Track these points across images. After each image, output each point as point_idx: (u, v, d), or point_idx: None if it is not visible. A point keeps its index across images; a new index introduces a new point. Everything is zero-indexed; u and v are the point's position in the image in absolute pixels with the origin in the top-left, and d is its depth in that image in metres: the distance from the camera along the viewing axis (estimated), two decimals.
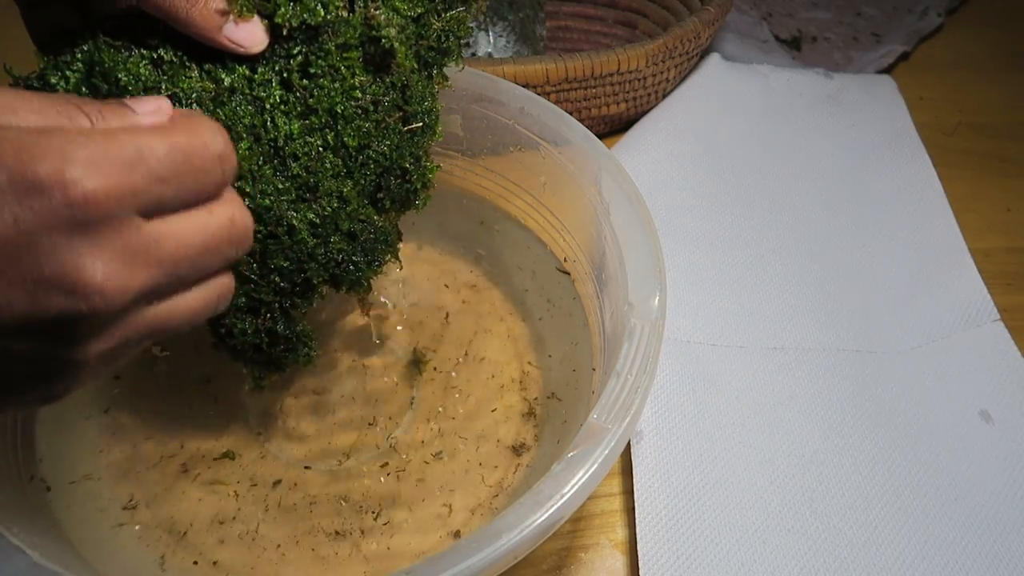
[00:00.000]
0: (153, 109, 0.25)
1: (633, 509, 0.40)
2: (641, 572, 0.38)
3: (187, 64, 0.30)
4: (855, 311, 0.52)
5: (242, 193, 0.30)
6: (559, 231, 0.47)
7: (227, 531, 0.39)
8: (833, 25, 0.83)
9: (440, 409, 0.45)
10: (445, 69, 0.38)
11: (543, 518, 0.28)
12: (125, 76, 0.29)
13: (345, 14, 0.32)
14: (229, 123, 0.31)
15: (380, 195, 0.36)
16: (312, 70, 0.32)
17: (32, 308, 0.20)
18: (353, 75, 0.33)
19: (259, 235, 0.31)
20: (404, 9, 0.34)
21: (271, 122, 0.32)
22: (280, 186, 0.32)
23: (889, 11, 0.84)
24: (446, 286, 0.50)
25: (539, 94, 0.46)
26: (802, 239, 0.57)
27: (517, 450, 0.43)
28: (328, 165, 0.33)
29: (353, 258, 0.35)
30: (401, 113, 0.35)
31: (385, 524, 0.40)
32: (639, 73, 0.60)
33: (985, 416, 0.46)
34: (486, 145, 0.48)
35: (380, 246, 0.36)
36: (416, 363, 0.47)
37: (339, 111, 0.33)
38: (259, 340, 0.35)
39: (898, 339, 0.51)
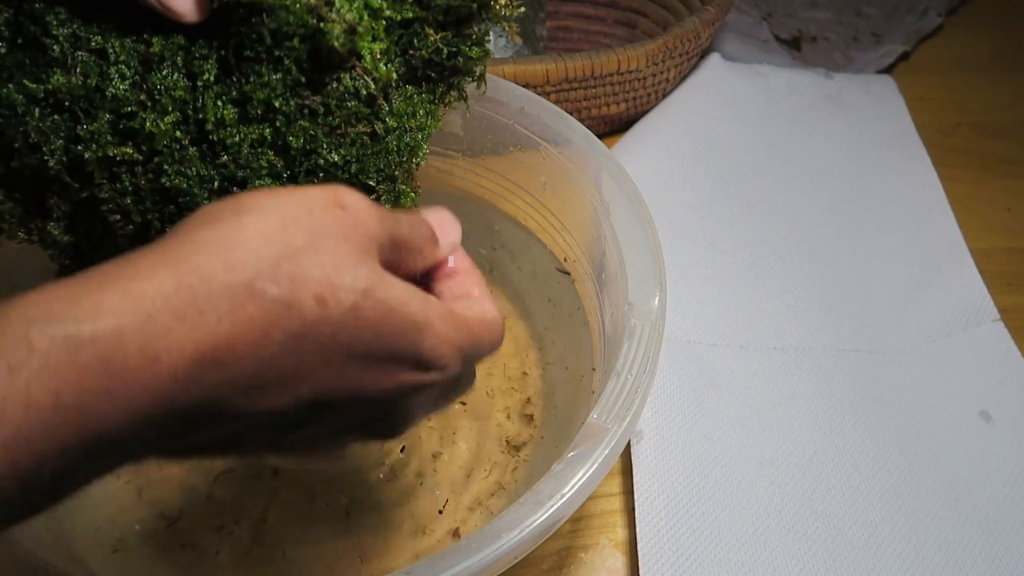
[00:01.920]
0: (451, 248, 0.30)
1: (633, 509, 0.40)
2: (641, 572, 0.38)
3: (122, 23, 0.28)
4: (855, 311, 0.52)
5: (159, 169, 0.29)
6: (559, 231, 0.47)
7: (226, 527, 0.39)
8: (833, 25, 0.83)
9: None
10: (466, 86, 0.34)
11: (543, 518, 0.28)
12: (55, 20, 0.27)
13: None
14: (156, 92, 0.29)
15: None
16: (247, 53, 0.29)
17: (361, 432, 0.27)
18: (298, 68, 0.29)
19: (175, 217, 0.29)
20: (383, 8, 0.30)
21: (201, 102, 0.29)
22: (203, 172, 0.29)
23: (889, 11, 0.84)
24: None
25: (539, 94, 0.46)
26: (802, 239, 0.57)
27: (517, 449, 0.43)
28: (264, 163, 0.30)
29: None
30: (367, 126, 0.32)
31: (385, 524, 0.40)
32: (639, 73, 0.60)
33: (985, 416, 0.46)
34: (486, 145, 0.48)
35: None
36: None
37: (277, 106, 0.29)
38: None
39: (898, 339, 0.51)
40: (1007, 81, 0.75)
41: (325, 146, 0.31)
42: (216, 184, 0.29)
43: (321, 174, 0.31)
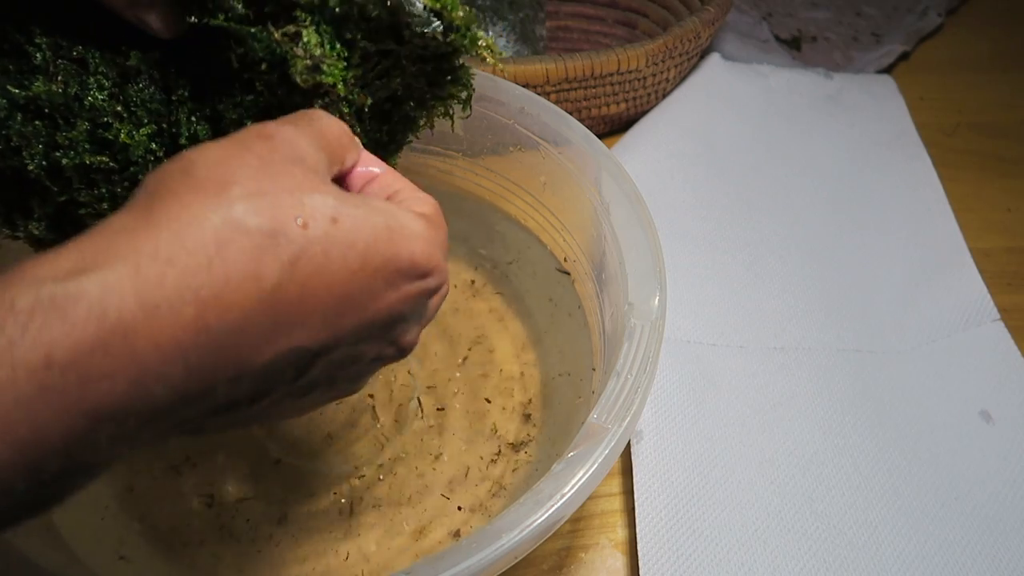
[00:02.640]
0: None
1: (633, 509, 0.40)
2: (641, 572, 0.38)
3: (102, 35, 0.28)
4: (855, 311, 0.52)
5: (134, 179, 0.29)
6: (559, 231, 0.47)
7: (225, 527, 0.39)
8: (833, 25, 0.83)
9: (440, 408, 0.45)
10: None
11: (543, 518, 0.28)
12: (38, 29, 0.28)
13: (248, 26, 0.28)
14: (133, 104, 0.29)
15: None
16: (218, 74, 0.29)
17: (377, 355, 0.26)
18: (272, 92, 0.29)
19: None
20: (358, 39, 0.29)
21: (175, 117, 0.29)
22: None
23: (889, 11, 0.84)
24: None
25: (539, 94, 0.46)
26: (802, 239, 0.57)
27: (517, 449, 0.43)
28: None
29: None
30: None
31: (385, 524, 0.40)
32: (639, 73, 0.60)
33: (985, 416, 0.46)
34: (486, 145, 0.48)
35: None
36: (416, 363, 0.46)
37: (248, 125, 0.29)
38: None
39: (898, 339, 0.51)
40: (1007, 81, 0.75)
41: None
42: None
43: None
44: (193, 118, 0.29)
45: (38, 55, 0.28)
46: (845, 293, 0.53)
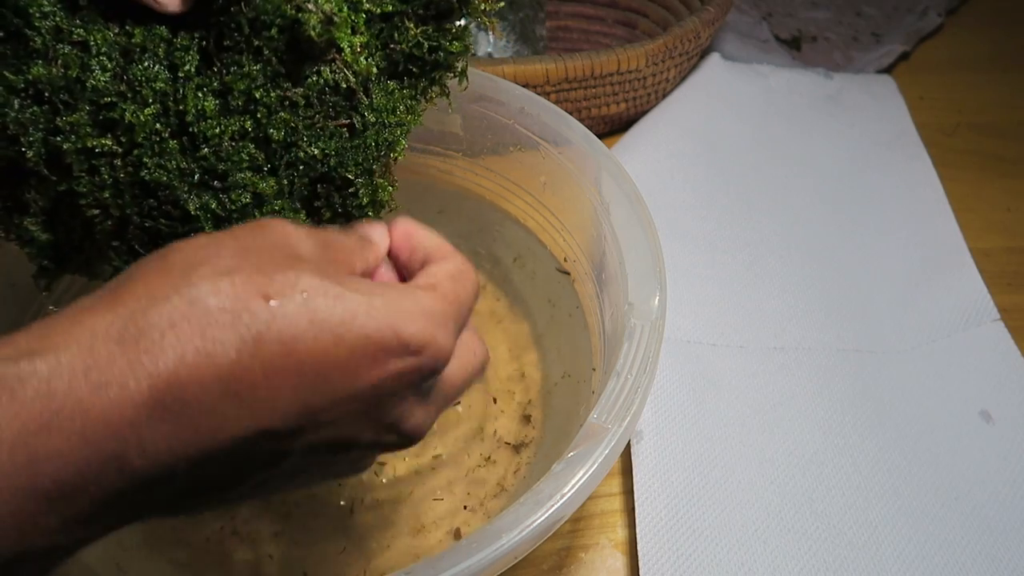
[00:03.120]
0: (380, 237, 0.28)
1: (633, 509, 0.40)
2: (641, 572, 0.38)
3: (104, 15, 0.28)
4: (855, 311, 0.52)
5: (138, 162, 0.28)
6: (559, 231, 0.47)
7: (225, 527, 0.39)
8: (833, 25, 0.83)
9: None
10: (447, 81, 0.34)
11: (543, 518, 0.28)
12: (37, 13, 0.27)
13: None
14: (137, 84, 0.28)
15: (318, 203, 0.32)
16: (227, 43, 0.29)
17: (374, 441, 0.24)
18: (278, 59, 0.29)
19: (154, 211, 0.29)
20: (363, 1, 0.30)
21: (182, 93, 0.29)
22: (183, 165, 0.29)
23: (889, 11, 0.84)
24: None
25: (539, 94, 0.46)
26: (802, 239, 0.57)
27: (517, 450, 0.43)
28: (245, 156, 0.30)
29: None
30: (347, 119, 0.31)
31: (385, 524, 0.40)
32: (639, 73, 0.60)
33: (985, 416, 0.46)
34: (486, 145, 0.48)
35: None
36: None
37: (258, 97, 0.29)
38: None
39: (898, 339, 0.51)
40: (1007, 81, 0.75)
41: (305, 139, 0.30)
42: (196, 177, 0.29)
43: (301, 167, 0.31)
44: (200, 93, 0.29)
45: (37, 39, 0.28)
46: (845, 293, 0.53)
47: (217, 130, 0.29)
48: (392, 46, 0.32)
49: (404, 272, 0.28)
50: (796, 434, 0.45)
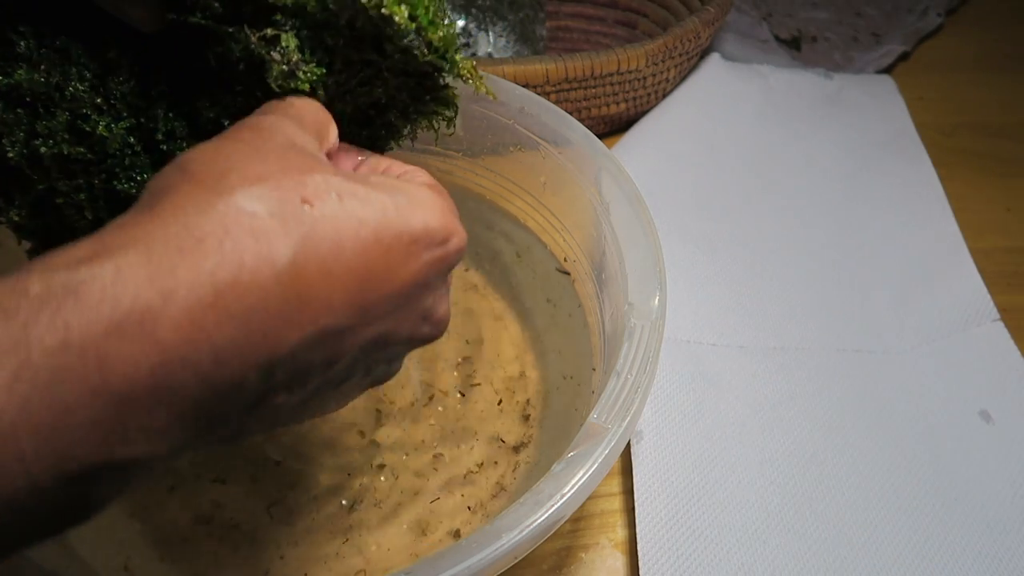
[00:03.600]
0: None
1: (633, 509, 0.40)
2: (641, 572, 0.38)
3: (85, 27, 0.28)
4: (855, 311, 0.52)
5: (111, 172, 0.29)
6: (559, 231, 0.47)
7: (226, 529, 0.39)
8: (833, 25, 0.83)
9: (440, 409, 0.45)
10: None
11: (543, 518, 0.28)
12: (23, 20, 0.28)
13: (226, 26, 0.27)
14: (112, 96, 0.29)
15: None
16: (196, 70, 0.29)
17: (411, 334, 0.25)
18: (249, 93, 0.29)
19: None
20: (339, 46, 0.28)
21: (152, 111, 0.29)
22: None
23: (889, 11, 0.84)
24: None
25: (539, 94, 0.46)
26: (802, 239, 0.57)
27: (517, 450, 0.43)
28: None
29: None
30: None
31: (385, 524, 0.40)
32: (639, 73, 0.60)
33: (985, 416, 0.46)
34: (486, 145, 0.48)
35: None
36: (416, 362, 0.47)
37: (226, 124, 0.29)
38: None
39: (898, 339, 0.51)
40: (1007, 81, 0.75)
41: None
42: None
43: None
44: (170, 114, 0.29)
45: (22, 43, 0.28)
46: (845, 293, 0.53)
47: (187, 148, 0.29)
48: (370, 88, 0.30)
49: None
50: (796, 434, 0.45)
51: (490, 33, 0.66)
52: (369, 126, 0.32)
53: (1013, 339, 0.50)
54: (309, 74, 0.28)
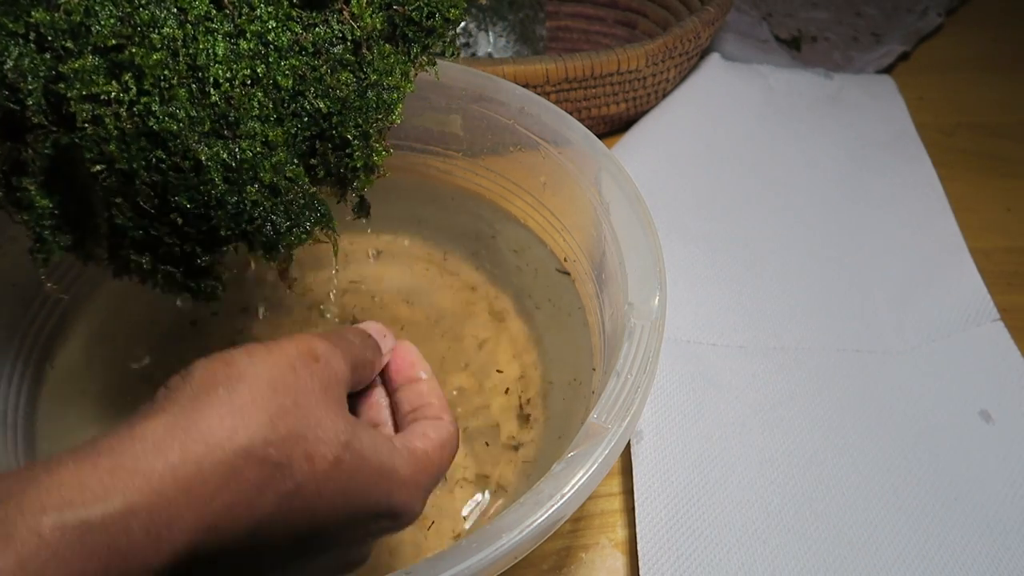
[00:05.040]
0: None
1: (633, 509, 0.40)
2: (641, 572, 0.38)
3: None
4: (855, 311, 0.52)
5: (147, 112, 0.28)
6: (559, 231, 0.47)
7: None
8: (833, 25, 0.83)
9: None
10: (435, 55, 0.35)
11: (543, 518, 0.28)
12: None
13: None
14: (144, 29, 0.28)
15: (313, 161, 0.32)
16: None
17: (389, 530, 0.29)
18: (290, 2, 0.30)
19: (162, 164, 0.28)
20: None
21: (192, 37, 0.28)
22: (193, 113, 0.28)
23: (889, 11, 0.84)
24: (446, 286, 0.50)
25: (539, 94, 0.46)
26: (802, 239, 0.57)
27: (516, 450, 0.43)
28: (255, 104, 0.29)
29: (272, 217, 0.30)
30: (351, 74, 0.31)
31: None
32: (639, 73, 0.60)
33: (985, 416, 0.46)
34: (486, 145, 0.48)
35: (308, 212, 0.31)
36: None
37: (271, 39, 0.29)
38: (154, 280, 0.32)
39: (898, 339, 0.51)
40: (1007, 81, 0.75)
41: (312, 91, 0.31)
42: (207, 126, 0.29)
43: (305, 118, 0.31)
44: (211, 36, 0.29)
45: None
46: (845, 293, 0.53)
47: (228, 75, 0.29)
48: (395, 7, 0.33)
49: (392, 386, 0.32)
50: (796, 434, 0.45)
51: (490, 33, 0.66)
52: (386, 56, 0.33)
53: (1013, 339, 0.50)
54: None
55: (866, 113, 0.68)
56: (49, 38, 0.27)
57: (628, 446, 0.43)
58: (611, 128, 0.66)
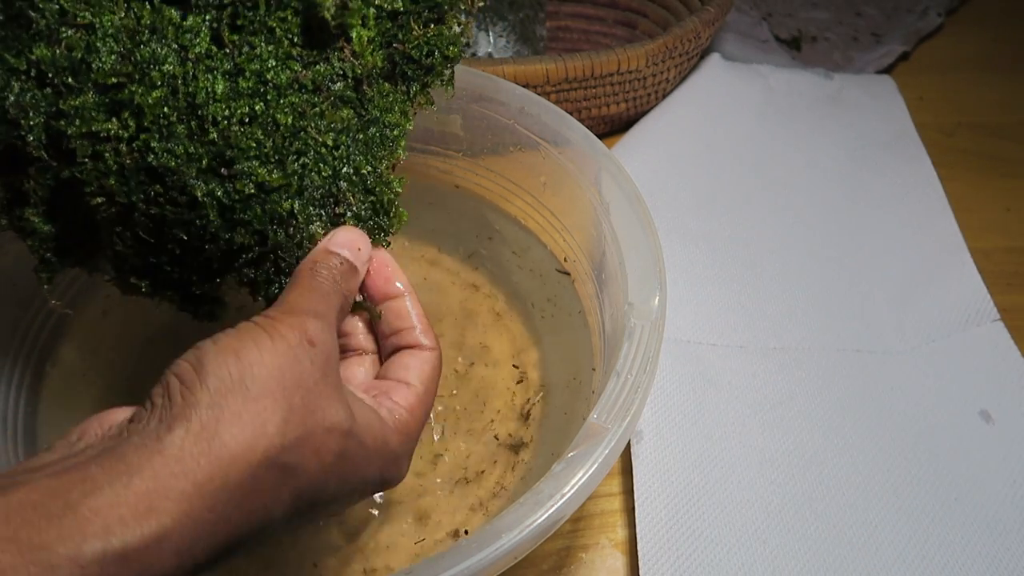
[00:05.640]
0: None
1: (633, 509, 0.40)
2: (641, 572, 0.38)
3: None
4: (855, 311, 0.52)
5: (146, 148, 0.28)
6: (559, 231, 0.47)
7: None
8: (833, 25, 0.83)
9: (439, 408, 0.45)
10: (432, 90, 0.34)
11: (543, 518, 0.28)
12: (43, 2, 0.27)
13: None
14: (144, 67, 0.28)
15: (339, 210, 0.31)
16: (240, 22, 0.29)
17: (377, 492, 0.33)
18: (290, 41, 0.30)
19: (160, 199, 0.29)
20: None
21: (192, 75, 0.29)
22: (191, 150, 0.28)
23: (889, 11, 0.84)
24: (446, 286, 0.50)
25: (539, 94, 0.46)
26: (802, 239, 0.57)
27: (516, 450, 0.43)
28: (252, 143, 0.29)
29: (256, 265, 0.30)
30: (352, 111, 0.32)
31: (385, 524, 0.40)
32: (639, 73, 0.60)
33: (985, 416, 0.46)
34: (486, 145, 0.48)
35: (295, 259, 0.31)
36: None
37: (269, 77, 0.30)
38: (154, 300, 0.32)
39: (898, 339, 0.51)
40: (1007, 81, 0.75)
41: (313, 127, 0.30)
42: (204, 163, 0.29)
43: (312, 154, 0.30)
44: (210, 75, 0.29)
45: (41, 20, 0.27)
46: (845, 293, 0.53)
47: (226, 112, 0.29)
48: (395, 45, 0.33)
49: (374, 298, 0.32)
50: (796, 434, 0.45)
51: (490, 33, 0.66)
52: (384, 95, 0.33)
53: (1013, 339, 0.50)
54: (355, 11, 0.31)
55: (866, 113, 0.68)
56: (50, 75, 0.28)
57: (628, 446, 0.43)
58: (611, 128, 0.66)
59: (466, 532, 0.39)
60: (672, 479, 0.42)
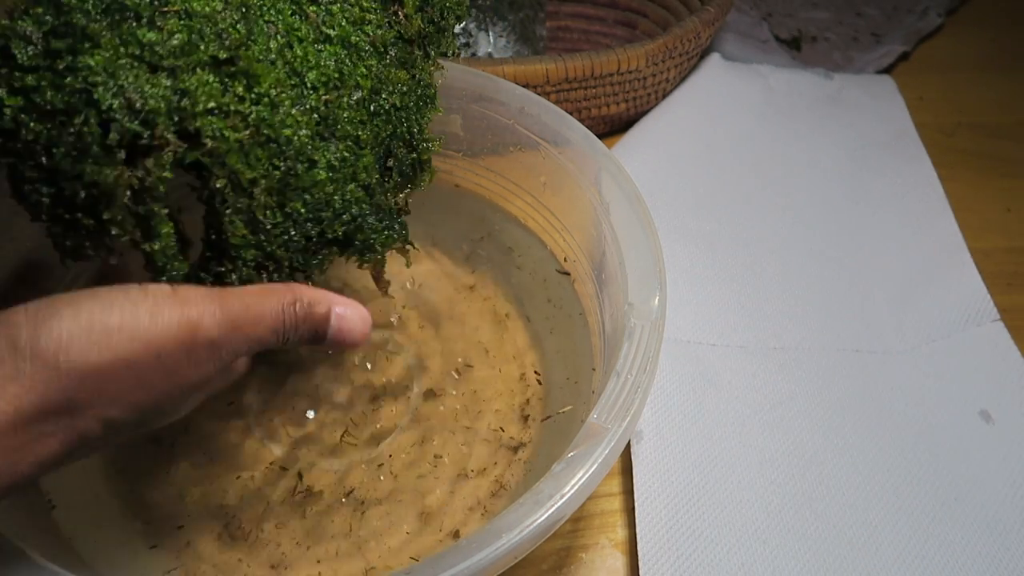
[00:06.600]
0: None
1: (633, 509, 0.40)
2: (641, 572, 0.38)
3: None
4: (855, 311, 0.52)
5: (263, 122, 0.29)
6: (559, 231, 0.47)
7: (228, 531, 0.39)
8: (833, 25, 0.83)
9: (440, 409, 0.45)
10: (441, 56, 0.38)
11: (543, 518, 0.28)
12: None
13: None
14: (244, 41, 0.29)
15: (389, 163, 0.35)
16: None
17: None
18: (360, 8, 0.33)
19: (279, 169, 0.30)
20: None
21: (288, 45, 0.30)
22: (300, 119, 0.30)
23: (889, 11, 0.84)
24: (446, 286, 0.50)
25: (539, 94, 0.46)
26: (802, 239, 0.57)
27: (516, 450, 0.43)
28: (345, 104, 0.32)
29: (368, 218, 0.33)
30: (406, 71, 0.35)
31: (385, 523, 0.40)
32: (639, 73, 0.60)
33: (985, 416, 0.46)
34: (486, 145, 0.48)
35: (391, 220, 0.34)
36: (416, 363, 0.47)
37: (353, 40, 0.32)
38: None
39: (898, 339, 0.51)
40: (1007, 81, 0.75)
41: (385, 89, 0.34)
42: (311, 130, 0.31)
43: (383, 116, 0.34)
44: (300, 45, 0.32)
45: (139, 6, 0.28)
46: (845, 293, 0.53)
47: (323, 79, 0.31)
48: (426, 9, 0.36)
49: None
50: (796, 434, 0.45)
51: (490, 33, 0.66)
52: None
53: (1013, 339, 0.50)
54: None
55: (866, 113, 0.68)
56: (159, 58, 0.28)
57: (628, 446, 0.43)
58: (611, 128, 0.66)
59: (466, 532, 0.39)
60: (672, 479, 0.42)
